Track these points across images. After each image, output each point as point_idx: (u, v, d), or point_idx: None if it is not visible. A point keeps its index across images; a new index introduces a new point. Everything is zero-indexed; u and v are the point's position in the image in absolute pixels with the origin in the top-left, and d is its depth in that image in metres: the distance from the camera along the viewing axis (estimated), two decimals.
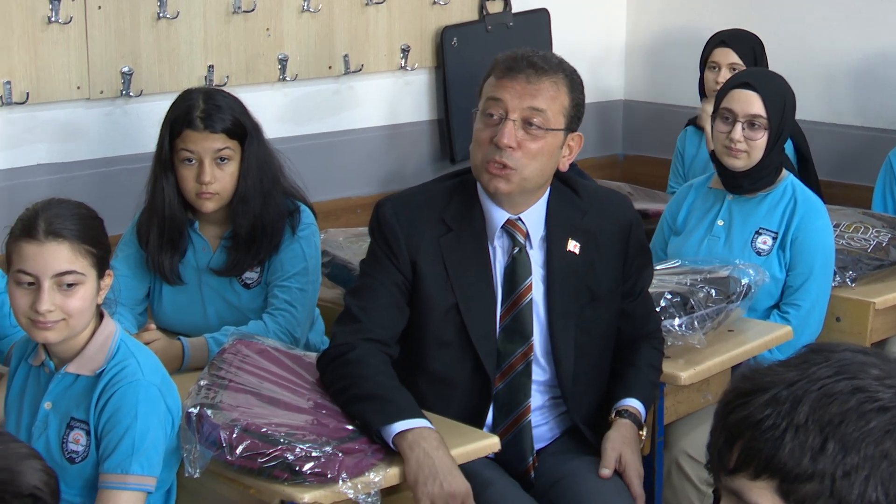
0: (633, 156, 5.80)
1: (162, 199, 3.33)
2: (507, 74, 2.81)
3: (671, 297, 3.25)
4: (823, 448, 1.31)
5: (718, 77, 4.56)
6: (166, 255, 3.37)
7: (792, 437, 1.32)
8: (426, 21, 4.90)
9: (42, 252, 2.52)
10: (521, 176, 2.81)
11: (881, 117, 5.04)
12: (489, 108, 2.82)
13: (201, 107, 3.29)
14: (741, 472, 1.36)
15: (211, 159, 3.28)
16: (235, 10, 4.30)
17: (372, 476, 2.53)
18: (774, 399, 1.35)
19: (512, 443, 2.90)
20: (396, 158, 4.93)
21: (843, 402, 1.33)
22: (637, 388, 2.99)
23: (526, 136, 2.79)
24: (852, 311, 3.85)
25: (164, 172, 3.32)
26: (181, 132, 3.29)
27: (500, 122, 2.80)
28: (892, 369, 1.36)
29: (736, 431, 1.37)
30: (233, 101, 3.37)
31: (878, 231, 4.06)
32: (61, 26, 3.90)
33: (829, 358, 1.37)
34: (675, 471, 3.44)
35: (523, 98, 2.79)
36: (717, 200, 3.77)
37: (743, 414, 1.36)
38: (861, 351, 1.39)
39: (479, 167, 2.83)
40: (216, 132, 3.28)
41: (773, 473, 1.34)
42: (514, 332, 2.89)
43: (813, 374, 1.36)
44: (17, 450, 1.79)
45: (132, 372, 2.57)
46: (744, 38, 4.65)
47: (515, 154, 2.78)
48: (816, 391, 1.34)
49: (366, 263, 2.93)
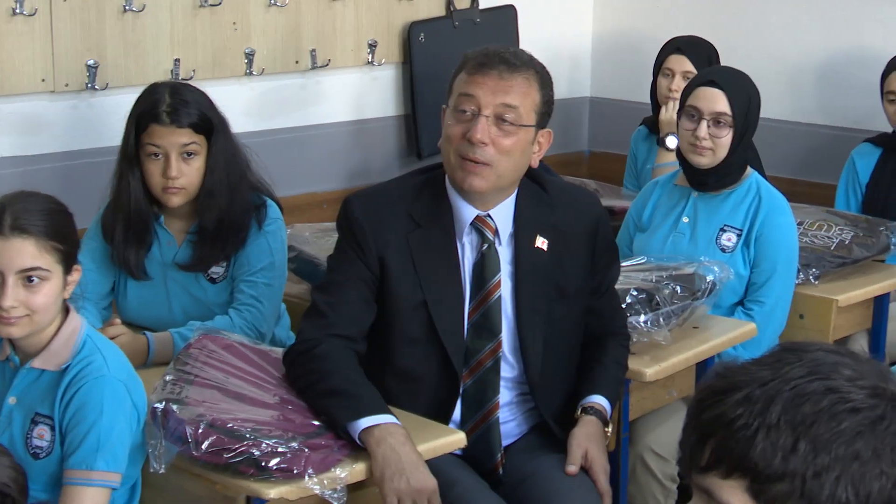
0: (599, 153, 5.81)
1: (128, 194, 3.31)
2: (480, 70, 2.81)
3: (637, 294, 3.26)
4: (795, 448, 1.32)
5: (672, 84, 4.56)
6: (132, 249, 3.35)
7: (764, 437, 1.33)
8: (393, 16, 4.89)
9: (6, 248, 2.49)
10: (495, 172, 2.81)
11: (845, 116, 5.08)
12: (461, 104, 2.81)
13: (168, 101, 3.27)
14: (713, 470, 1.37)
15: (177, 154, 3.27)
16: (202, 4, 4.28)
17: (338, 472, 2.53)
18: (747, 398, 1.35)
19: (480, 440, 2.90)
20: (363, 154, 4.93)
21: (816, 403, 1.33)
22: (603, 385, 2.99)
23: (499, 132, 2.80)
24: (815, 308, 3.88)
25: (130, 167, 3.30)
26: (147, 126, 3.27)
27: (472, 118, 2.80)
28: (865, 370, 1.37)
29: (708, 430, 1.37)
30: (199, 95, 3.35)
31: (842, 229, 4.09)
32: (26, 18, 3.87)
33: (801, 357, 1.38)
34: (639, 467, 3.45)
35: (496, 94, 2.79)
36: (682, 197, 3.79)
37: (716, 412, 1.37)
38: (834, 351, 1.40)
39: (453, 164, 2.83)
40: (182, 127, 3.26)
41: (744, 472, 1.34)
42: (483, 328, 2.90)
43: (786, 373, 1.36)
44: None
45: (98, 367, 2.55)
46: (699, 45, 4.63)
47: (489, 150, 2.79)
48: (789, 391, 1.34)
49: (333, 259, 2.93)
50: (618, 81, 5.71)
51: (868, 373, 1.37)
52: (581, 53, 5.80)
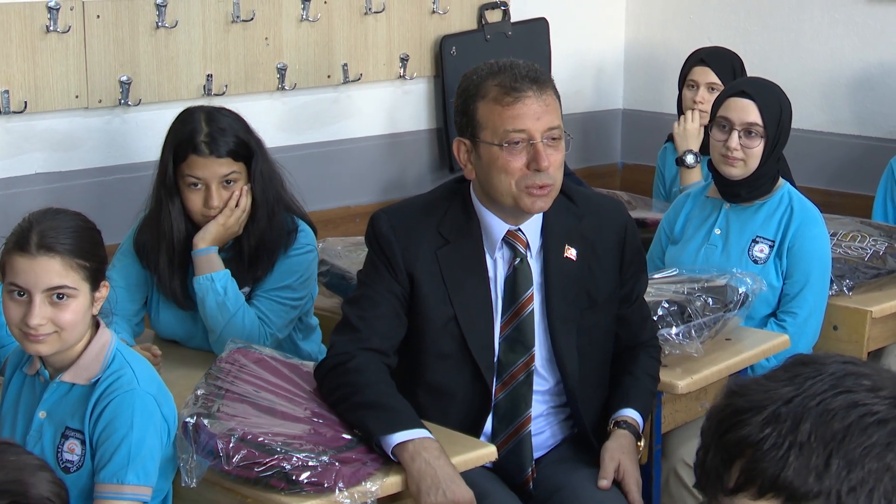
0: (632, 164, 5.80)
1: (169, 224, 3.29)
2: (515, 98, 2.78)
3: (668, 306, 3.25)
4: (828, 465, 1.31)
5: (696, 96, 4.53)
6: (177, 280, 3.33)
7: (796, 456, 1.32)
8: (425, 30, 4.91)
9: (33, 266, 2.50)
10: (555, 189, 2.84)
11: (880, 126, 5.05)
12: (513, 139, 2.78)
13: (205, 130, 3.23)
14: (742, 491, 1.35)
15: (217, 184, 3.25)
16: (234, 19, 4.31)
17: (369, 485, 2.53)
18: (775, 417, 1.34)
19: (511, 453, 2.90)
20: (395, 167, 4.94)
21: (844, 418, 1.32)
22: (635, 399, 2.99)
23: (551, 150, 2.80)
24: (849, 319, 3.85)
25: (170, 196, 3.27)
26: (186, 157, 3.24)
27: (525, 146, 2.78)
28: (883, 379, 1.36)
29: (735, 451, 1.36)
30: (234, 120, 3.32)
31: (876, 240, 4.06)
32: (60, 35, 3.91)
33: (820, 371, 1.37)
34: (672, 479, 3.44)
35: (542, 119, 2.78)
36: (714, 209, 3.78)
37: (742, 433, 1.35)
38: (850, 361, 1.39)
39: (515, 193, 2.80)
40: (222, 157, 3.24)
41: (777, 492, 1.33)
42: (516, 342, 2.89)
43: (809, 388, 1.35)
44: (28, 461, 1.80)
45: (128, 381, 2.56)
46: (723, 55, 4.60)
47: (551, 171, 2.79)
48: (816, 407, 1.33)
49: (364, 273, 2.93)
50: (650, 93, 5.70)
51: (886, 382, 1.36)
52: (613, 65, 5.79)
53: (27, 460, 1.80)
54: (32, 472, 1.77)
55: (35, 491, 1.74)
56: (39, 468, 1.79)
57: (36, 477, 1.76)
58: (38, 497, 1.74)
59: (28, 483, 1.74)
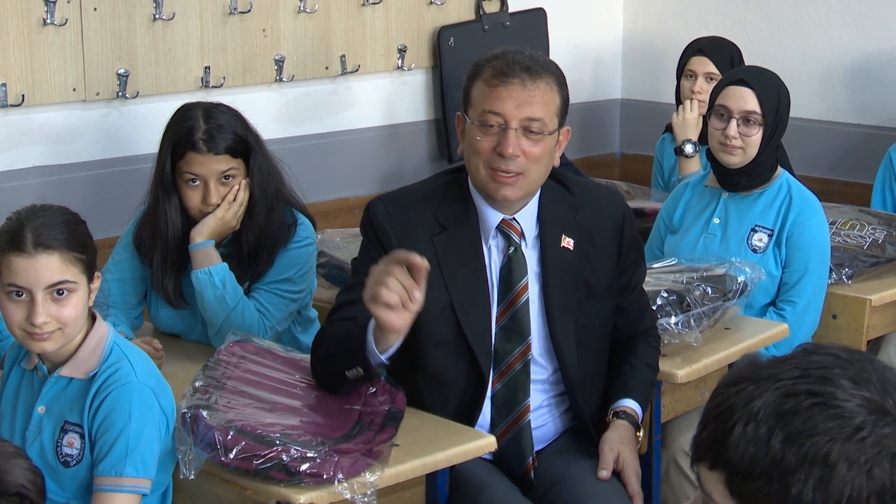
0: (631, 154, 5.80)
1: (165, 222, 3.28)
2: (501, 81, 2.78)
3: (667, 296, 3.24)
4: (769, 447, 1.31)
5: (695, 86, 4.54)
6: (170, 279, 3.32)
7: (741, 432, 1.33)
8: (423, 21, 4.90)
9: (32, 265, 2.48)
10: (527, 180, 2.81)
11: (878, 114, 5.04)
12: (487, 120, 2.79)
13: (202, 127, 3.22)
14: (703, 460, 1.38)
15: (216, 180, 3.24)
16: (231, 11, 4.30)
17: (368, 476, 2.52)
18: (739, 392, 1.35)
19: (511, 443, 2.89)
20: (394, 158, 4.94)
21: (800, 402, 1.32)
22: (634, 389, 2.99)
23: (527, 141, 2.79)
24: (849, 308, 3.85)
25: (167, 194, 3.27)
26: (184, 154, 3.23)
27: (499, 130, 2.79)
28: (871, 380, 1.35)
29: (705, 419, 1.38)
30: (232, 115, 3.31)
31: (875, 228, 4.06)
32: (57, 28, 3.90)
33: (807, 358, 1.37)
34: (672, 469, 3.44)
35: (521, 107, 2.77)
36: (712, 198, 3.77)
37: (713, 402, 1.38)
38: (848, 356, 1.37)
39: (483, 176, 2.82)
40: (220, 153, 3.23)
41: (722, 466, 1.35)
42: (512, 331, 2.89)
43: (781, 373, 1.35)
44: (3, 448, 1.80)
45: (125, 374, 2.56)
46: (721, 45, 4.60)
47: (520, 160, 2.78)
48: (774, 390, 1.34)
49: (358, 261, 2.93)
50: (649, 83, 5.70)
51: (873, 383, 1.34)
52: (612, 55, 5.78)
53: (2, 448, 1.80)
54: (7, 460, 1.77)
55: (10, 478, 1.74)
56: (15, 455, 1.79)
57: (11, 464, 1.76)
58: (13, 484, 1.74)
59: (3, 470, 1.74)
